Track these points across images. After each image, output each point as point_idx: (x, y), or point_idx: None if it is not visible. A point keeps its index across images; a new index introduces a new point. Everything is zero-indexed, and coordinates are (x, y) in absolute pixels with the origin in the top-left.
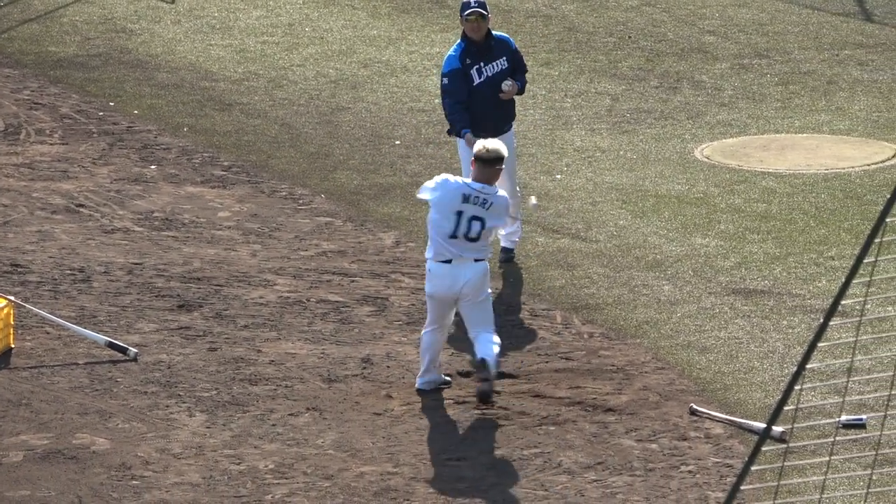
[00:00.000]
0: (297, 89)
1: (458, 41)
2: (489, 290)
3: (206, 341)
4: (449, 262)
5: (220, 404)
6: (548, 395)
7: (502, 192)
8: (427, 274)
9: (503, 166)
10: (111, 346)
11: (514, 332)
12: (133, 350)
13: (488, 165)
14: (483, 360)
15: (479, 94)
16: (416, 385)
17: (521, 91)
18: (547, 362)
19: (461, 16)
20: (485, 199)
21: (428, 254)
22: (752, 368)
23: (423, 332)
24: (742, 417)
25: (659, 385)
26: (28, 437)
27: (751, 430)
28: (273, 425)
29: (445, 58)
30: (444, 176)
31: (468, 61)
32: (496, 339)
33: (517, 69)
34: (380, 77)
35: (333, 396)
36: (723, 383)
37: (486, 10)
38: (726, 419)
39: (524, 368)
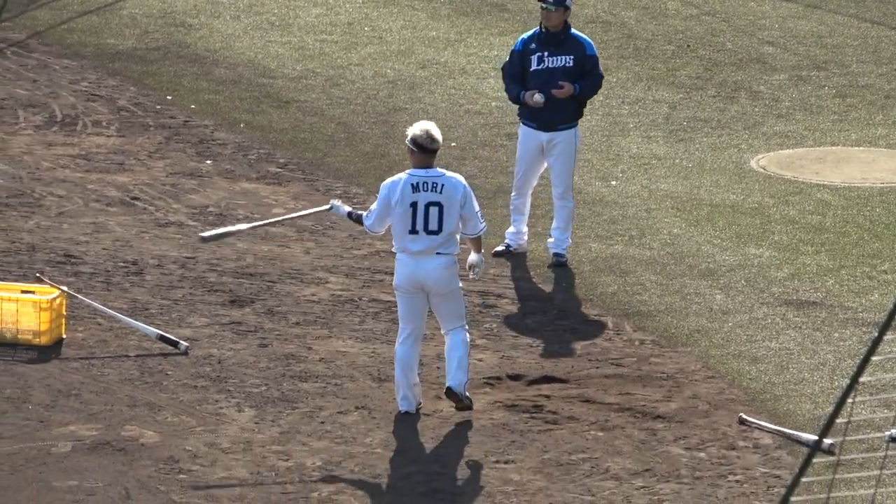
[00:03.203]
0: (354, 88)
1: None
2: (459, 285)
3: (257, 337)
4: (411, 253)
5: (269, 400)
6: (597, 400)
7: (451, 173)
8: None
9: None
10: (162, 339)
11: (565, 337)
12: (184, 344)
13: (429, 154)
14: (449, 389)
15: (534, 81)
16: (401, 408)
17: (579, 95)
18: (597, 368)
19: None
20: (434, 183)
21: (394, 246)
22: (803, 380)
23: (396, 344)
24: (791, 428)
25: (709, 394)
26: (77, 427)
27: (799, 442)
28: (322, 423)
29: None
30: (383, 185)
31: (533, 46)
32: (466, 338)
33: (585, 73)
34: (437, 78)
35: (383, 396)
36: (773, 394)
37: (563, 4)
38: (775, 430)
39: (574, 373)
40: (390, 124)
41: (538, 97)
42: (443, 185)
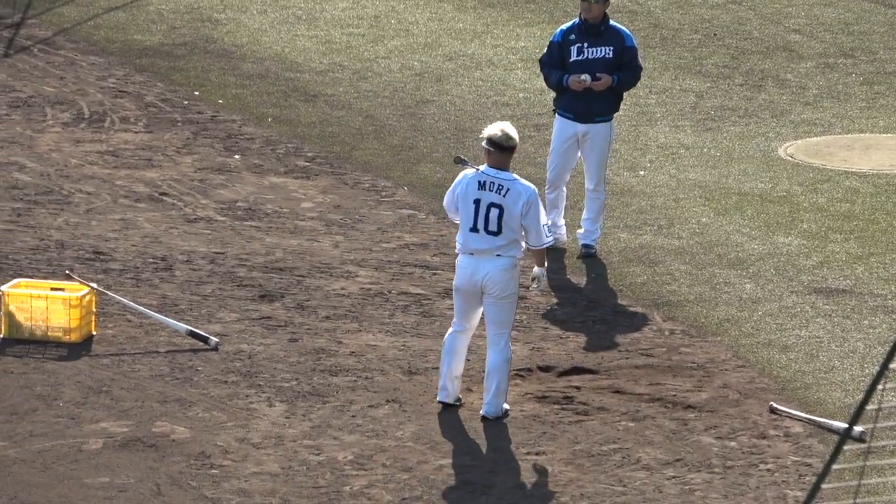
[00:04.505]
0: (381, 81)
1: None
2: (515, 291)
3: (287, 332)
4: (472, 254)
5: (300, 395)
6: (628, 391)
7: (524, 181)
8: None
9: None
10: (192, 334)
11: (595, 328)
12: (214, 339)
13: (505, 153)
14: (484, 418)
15: (574, 71)
16: (438, 397)
17: (617, 86)
18: (627, 358)
19: None
20: (500, 185)
21: (456, 246)
22: (833, 368)
23: (447, 333)
24: (822, 416)
25: (739, 383)
26: (108, 424)
27: (830, 430)
28: (353, 417)
29: None
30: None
31: (572, 37)
32: (508, 355)
33: (624, 65)
34: (465, 70)
35: (413, 389)
36: (803, 382)
37: None
38: (806, 418)
39: (604, 364)
40: (418, 117)
41: (585, 76)
42: (508, 189)
